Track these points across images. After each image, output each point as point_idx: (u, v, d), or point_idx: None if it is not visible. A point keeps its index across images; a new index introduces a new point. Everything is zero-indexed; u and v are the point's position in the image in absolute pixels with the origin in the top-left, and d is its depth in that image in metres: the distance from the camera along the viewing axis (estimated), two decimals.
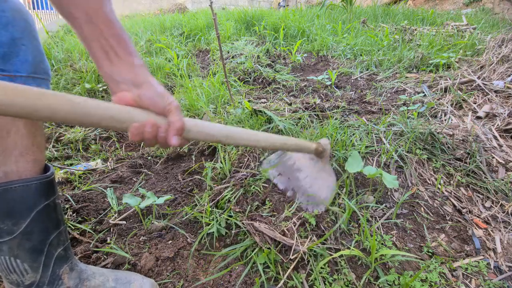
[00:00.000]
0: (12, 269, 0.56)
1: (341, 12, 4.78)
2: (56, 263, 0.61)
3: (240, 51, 2.79)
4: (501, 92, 1.78)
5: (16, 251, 0.56)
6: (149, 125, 0.49)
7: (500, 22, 4.26)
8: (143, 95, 0.50)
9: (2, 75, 0.50)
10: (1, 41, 0.50)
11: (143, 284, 0.72)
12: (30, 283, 0.59)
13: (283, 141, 0.77)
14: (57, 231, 0.62)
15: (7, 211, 0.54)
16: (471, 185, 1.19)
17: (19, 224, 0.55)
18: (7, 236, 0.55)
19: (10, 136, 0.53)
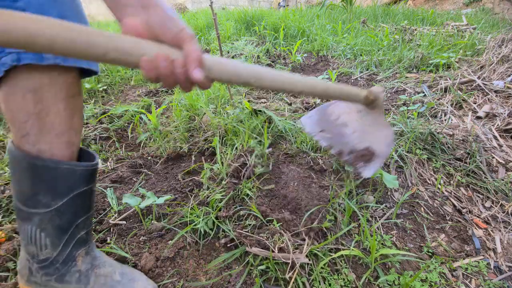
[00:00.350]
0: (33, 240, 0.59)
1: (341, 12, 4.78)
2: (75, 244, 0.64)
3: (240, 51, 2.79)
4: (501, 92, 1.78)
5: (45, 225, 0.58)
6: (161, 58, 0.42)
7: (500, 22, 4.26)
8: (151, 20, 0.43)
9: None
10: None
11: (147, 285, 0.73)
12: (45, 258, 0.61)
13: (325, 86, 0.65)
14: (86, 215, 0.64)
15: (50, 186, 0.56)
16: (471, 185, 1.19)
17: (57, 200, 0.57)
18: (42, 208, 0.57)
19: (49, 117, 0.53)
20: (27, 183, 0.56)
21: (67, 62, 0.51)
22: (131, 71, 2.51)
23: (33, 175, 0.55)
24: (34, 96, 0.50)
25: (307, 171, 1.22)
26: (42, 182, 0.56)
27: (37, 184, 0.56)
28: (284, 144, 1.40)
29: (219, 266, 0.83)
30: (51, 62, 0.49)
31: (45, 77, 0.50)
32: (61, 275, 0.63)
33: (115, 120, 1.67)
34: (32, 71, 0.49)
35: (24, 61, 0.47)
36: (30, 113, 0.51)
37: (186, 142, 1.41)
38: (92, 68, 0.57)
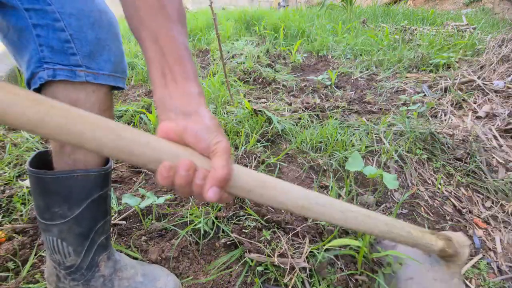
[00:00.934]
0: (57, 250, 0.60)
1: (341, 12, 4.78)
2: (97, 250, 0.65)
3: (240, 51, 2.79)
4: (501, 92, 1.78)
5: (64, 235, 0.59)
6: (183, 166, 0.39)
7: (500, 22, 4.26)
8: (188, 127, 0.41)
9: (87, 71, 0.53)
10: (88, 40, 0.52)
11: (168, 282, 0.74)
12: (71, 265, 0.62)
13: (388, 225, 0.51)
14: (104, 220, 0.65)
15: (65, 196, 0.57)
16: (471, 185, 1.19)
17: (73, 210, 0.58)
18: (59, 220, 0.58)
19: None
20: (41, 198, 0.57)
21: (97, 80, 0.54)
22: (131, 70, 2.51)
23: (44, 190, 0.57)
24: None
25: (307, 171, 1.22)
26: (55, 195, 0.57)
27: (49, 198, 0.57)
28: (284, 144, 1.40)
29: (219, 266, 0.83)
30: (83, 80, 0.52)
31: (81, 93, 0.53)
32: (87, 280, 0.65)
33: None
34: (69, 87, 0.52)
35: (59, 77, 0.50)
36: None
37: None
38: (120, 85, 0.61)
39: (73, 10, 0.50)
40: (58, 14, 0.48)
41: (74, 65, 0.51)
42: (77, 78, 0.52)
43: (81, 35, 0.51)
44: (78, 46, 0.51)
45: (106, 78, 0.56)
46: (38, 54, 0.49)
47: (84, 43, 0.52)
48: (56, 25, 0.49)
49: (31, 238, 0.92)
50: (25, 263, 0.83)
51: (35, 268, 0.82)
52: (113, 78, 0.58)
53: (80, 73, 0.52)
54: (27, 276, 0.79)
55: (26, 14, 0.47)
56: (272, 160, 1.24)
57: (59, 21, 0.49)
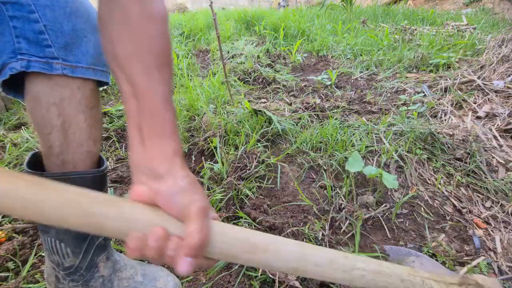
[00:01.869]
0: (55, 251, 0.60)
1: (341, 12, 4.78)
2: (95, 251, 0.65)
3: (240, 51, 2.79)
4: (501, 92, 1.78)
5: (62, 236, 0.59)
6: (154, 236, 0.36)
7: (500, 22, 4.26)
8: (160, 191, 0.39)
9: (64, 64, 0.51)
10: (64, 31, 0.51)
11: (167, 282, 0.74)
12: (69, 266, 0.63)
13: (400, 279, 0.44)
14: None
15: None
16: (471, 185, 1.19)
17: None
18: None
19: (70, 128, 0.54)
20: None
21: (75, 73, 0.53)
22: None
23: None
24: (57, 109, 0.52)
25: (307, 171, 1.22)
26: None
27: None
28: (284, 144, 1.40)
29: (219, 266, 0.83)
30: (60, 72, 0.51)
31: (66, 90, 0.52)
32: (86, 280, 0.65)
33: (115, 120, 1.67)
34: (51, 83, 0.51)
35: (33, 69, 0.49)
36: (53, 125, 0.53)
37: (186, 142, 1.41)
38: (103, 79, 0.59)
39: (48, 1, 0.49)
40: (33, 5, 0.47)
41: (49, 57, 0.50)
42: (54, 70, 0.50)
43: (56, 26, 0.50)
44: (53, 38, 0.50)
45: (85, 71, 0.54)
46: (14, 46, 0.48)
47: (59, 34, 0.51)
48: (31, 17, 0.48)
49: (31, 238, 0.92)
50: (25, 263, 0.83)
51: (35, 268, 0.82)
52: (93, 71, 0.56)
53: (57, 65, 0.50)
54: (27, 276, 0.79)
55: (3, 7, 0.47)
56: (272, 160, 1.24)
57: (34, 13, 0.48)
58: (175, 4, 8.65)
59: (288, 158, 1.30)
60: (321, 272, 0.41)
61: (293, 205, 1.05)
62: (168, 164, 0.41)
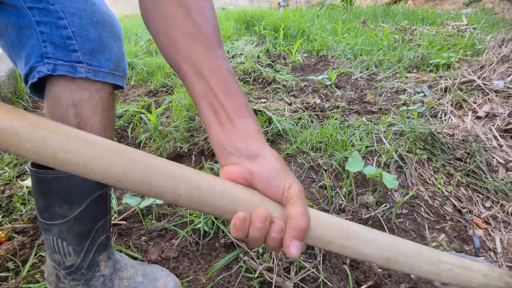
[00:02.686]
0: (57, 249, 0.61)
1: (341, 12, 4.78)
2: (97, 250, 0.65)
3: (240, 51, 2.79)
4: (501, 92, 1.78)
5: (64, 234, 0.59)
6: (258, 217, 0.36)
7: (500, 22, 4.26)
8: (255, 171, 0.38)
9: (88, 68, 0.54)
10: (90, 38, 0.54)
11: (167, 282, 0.75)
12: (71, 265, 0.63)
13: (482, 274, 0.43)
14: (104, 219, 0.65)
15: (65, 196, 0.57)
16: (471, 185, 1.19)
17: (73, 209, 0.59)
18: (59, 219, 0.58)
19: (86, 129, 0.56)
20: (41, 197, 0.58)
21: (97, 77, 0.55)
22: (131, 70, 2.51)
23: (44, 190, 0.57)
24: (75, 110, 0.54)
25: (307, 171, 1.22)
26: (55, 194, 0.57)
27: (50, 198, 0.57)
28: (284, 144, 1.40)
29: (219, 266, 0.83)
30: (83, 76, 0.53)
31: (85, 92, 0.54)
32: (87, 279, 0.65)
33: (115, 120, 1.67)
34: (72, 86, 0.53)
35: (59, 72, 0.51)
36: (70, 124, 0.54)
37: (186, 142, 1.41)
38: (119, 84, 0.61)
39: (76, 10, 0.51)
40: (62, 12, 0.50)
41: (75, 61, 0.52)
42: (78, 74, 0.52)
43: (83, 33, 0.52)
44: (79, 43, 0.52)
45: (106, 76, 0.57)
46: (41, 50, 0.50)
47: (86, 41, 0.53)
48: (59, 23, 0.50)
49: (31, 238, 0.92)
50: (25, 263, 0.83)
51: (35, 268, 0.82)
52: (113, 76, 0.59)
53: (81, 69, 0.53)
54: (27, 276, 0.79)
55: (29, 12, 0.48)
56: None
57: (62, 19, 0.50)
58: None
59: (288, 158, 1.30)
60: (411, 264, 0.41)
61: None
62: (258, 144, 0.40)
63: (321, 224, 0.38)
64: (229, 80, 0.41)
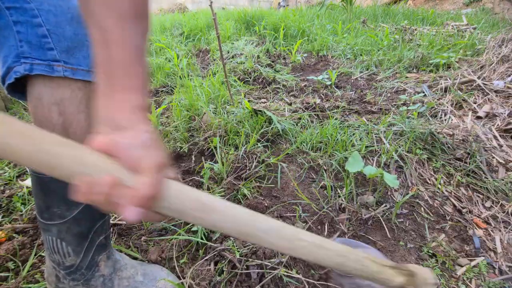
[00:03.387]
0: (56, 250, 0.61)
1: (341, 12, 4.78)
2: (96, 250, 0.65)
3: (240, 51, 2.79)
4: (501, 92, 1.78)
5: (63, 235, 0.60)
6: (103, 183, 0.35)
7: (500, 22, 4.26)
8: (120, 142, 0.37)
9: (65, 67, 0.53)
10: (66, 35, 0.53)
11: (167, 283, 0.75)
12: (70, 265, 0.63)
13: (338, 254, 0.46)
14: (102, 220, 0.65)
15: (64, 196, 0.57)
16: (471, 185, 1.19)
17: (72, 210, 0.59)
18: (58, 220, 0.59)
19: (71, 128, 0.56)
20: (40, 197, 0.58)
21: (76, 75, 0.54)
22: None
23: (43, 190, 0.57)
24: (58, 108, 0.53)
25: (307, 171, 1.22)
26: (54, 195, 0.57)
27: (49, 198, 0.58)
28: (284, 144, 1.40)
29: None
30: (61, 74, 0.52)
31: (66, 90, 0.54)
32: (87, 279, 0.65)
33: None
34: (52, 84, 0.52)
35: (35, 71, 0.50)
36: (54, 124, 0.54)
37: (186, 142, 1.41)
38: None
39: (51, 6, 0.50)
40: (37, 10, 0.49)
41: (51, 59, 0.51)
42: (55, 73, 0.52)
43: (58, 30, 0.51)
44: (55, 41, 0.51)
45: (85, 74, 0.56)
46: (17, 50, 0.50)
47: (61, 38, 0.52)
48: (34, 21, 0.49)
49: (31, 238, 0.92)
50: (25, 263, 0.83)
51: (35, 268, 0.82)
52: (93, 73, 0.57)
53: (58, 68, 0.52)
54: (27, 276, 0.79)
55: (7, 12, 0.48)
56: (272, 160, 1.24)
57: (37, 17, 0.49)
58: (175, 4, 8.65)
59: (288, 158, 1.30)
60: (266, 237, 0.43)
61: (292, 204, 1.05)
62: (131, 117, 0.40)
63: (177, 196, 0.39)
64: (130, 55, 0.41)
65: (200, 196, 0.41)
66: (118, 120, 0.39)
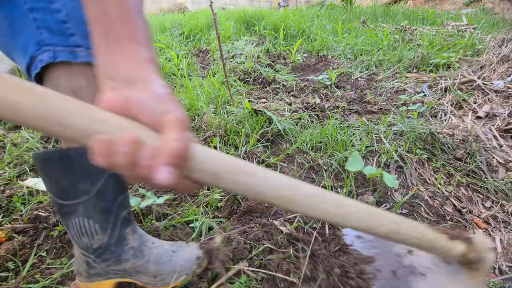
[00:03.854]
0: (84, 230, 0.62)
1: (341, 12, 4.78)
2: (122, 224, 0.67)
3: (240, 51, 2.79)
4: (501, 92, 1.78)
5: (90, 211, 0.61)
6: (125, 141, 0.31)
7: (500, 22, 4.26)
8: (134, 97, 0.34)
9: (87, 52, 0.52)
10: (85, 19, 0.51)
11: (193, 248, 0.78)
12: (99, 246, 0.64)
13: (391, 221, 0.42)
14: (123, 194, 0.66)
15: (86, 171, 0.59)
16: (471, 185, 1.19)
17: (95, 184, 0.60)
18: (84, 196, 0.60)
19: None
20: (65, 177, 0.59)
21: None
22: None
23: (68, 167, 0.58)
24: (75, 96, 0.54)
25: (307, 171, 1.22)
26: (79, 169, 0.58)
27: (74, 174, 0.59)
28: (284, 144, 1.40)
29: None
30: (84, 60, 0.51)
31: (82, 79, 0.53)
32: (117, 255, 0.67)
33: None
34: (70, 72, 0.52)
35: (59, 58, 0.49)
36: None
37: None
38: None
39: None
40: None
41: (73, 45, 0.50)
42: (78, 58, 0.51)
43: (77, 14, 0.50)
44: (75, 26, 0.50)
45: None
46: (36, 38, 0.48)
47: (80, 23, 0.50)
48: (52, 7, 0.48)
49: (31, 238, 0.92)
50: (25, 263, 0.83)
51: (35, 268, 0.82)
52: None
53: (81, 53, 0.51)
54: (27, 276, 0.79)
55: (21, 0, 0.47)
56: (272, 160, 1.24)
57: (54, 3, 0.48)
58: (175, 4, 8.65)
59: (288, 158, 1.30)
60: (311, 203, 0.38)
61: None
62: (144, 70, 0.36)
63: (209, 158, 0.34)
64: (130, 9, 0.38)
65: (234, 160, 0.36)
66: (128, 73, 0.35)
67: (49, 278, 0.78)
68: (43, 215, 0.98)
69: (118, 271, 0.69)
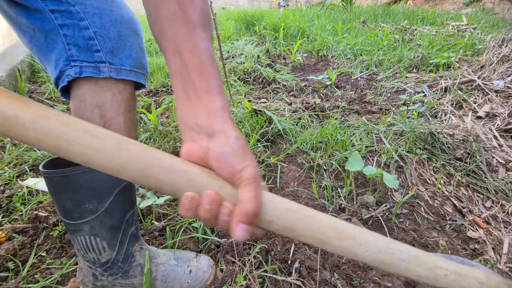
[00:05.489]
0: (91, 247, 0.61)
1: (341, 12, 4.78)
2: (130, 241, 0.66)
3: (240, 51, 2.79)
4: (501, 92, 1.78)
5: (97, 230, 0.60)
6: (207, 199, 0.35)
7: (500, 22, 4.26)
8: (211, 149, 0.37)
9: (110, 67, 0.54)
10: (111, 36, 0.55)
11: (200, 261, 0.79)
12: (106, 260, 0.64)
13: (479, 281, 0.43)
14: (132, 210, 0.66)
15: (94, 190, 0.58)
16: (471, 185, 1.19)
17: (103, 202, 0.59)
18: (90, 215, 0.59)
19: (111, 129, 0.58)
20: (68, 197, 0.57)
21: (120, 75, 0.56)
22: None
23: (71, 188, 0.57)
24: (99, 111, 0.55)
25: (307, 171, 1.22)
26: (85, 190, 0.57)
27: (79, 194, 0.58)
28: (284, 144, 1.40)
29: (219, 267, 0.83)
30: (107, 75, 0.54)
31: (107, 94, 0.55)
32: (124, 271, 0.67)
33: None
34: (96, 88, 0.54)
35: (85, 74, 0.52)
36: None
37: None
38: (141, 82, 0.62)
39: (95, 9, 0.52)
40: (83, 13, 0.51)
41: (98, 61, 0.53)
42: (101, 74, 0.53)
43: (103, 32, 0.53)
44: (101, 43, 0.53)
45: (128, 74, 0.58)
46: (66, 53, 0.51)
47: (106, 40, 0.54)
48: (81, 24, 0.51)
49: (31, 238, 0.92)
50: (25, 263, 0.83)
51: (35, 268, 0.82)
52: (135, 73, 0.59)
53: (104, 69, 0.54)
54: (27, 276, 0.79)
55: (52, 16, 0.49)
56: (272, 160, 1.24)
57: (83, 20, 0.51)
58: None
59: (288, 158, 1.30)
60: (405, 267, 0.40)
61: None
62: (220, 121, 0.39)
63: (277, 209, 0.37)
64: (204, 60, 0.41)
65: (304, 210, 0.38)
66: (207, 126, 0.38)
67: (49, 278, 0.78)
68: (43, 215, 0.98)
69: (125, 285, 0.69)
